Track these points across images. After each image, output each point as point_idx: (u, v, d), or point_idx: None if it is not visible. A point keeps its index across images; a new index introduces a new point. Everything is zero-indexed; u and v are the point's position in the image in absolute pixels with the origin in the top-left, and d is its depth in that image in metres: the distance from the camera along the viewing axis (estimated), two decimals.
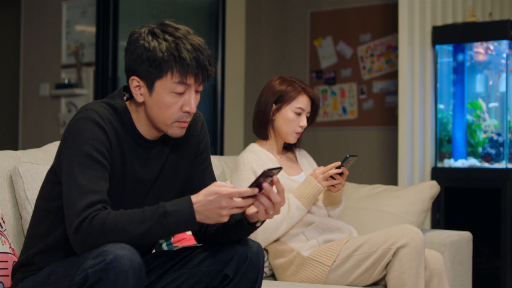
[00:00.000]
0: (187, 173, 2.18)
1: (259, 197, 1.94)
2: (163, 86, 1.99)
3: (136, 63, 1.99)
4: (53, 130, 5.27)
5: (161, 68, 1.97)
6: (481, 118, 4.20)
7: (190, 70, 1.97)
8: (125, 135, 2.05)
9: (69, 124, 2.02)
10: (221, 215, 1.89)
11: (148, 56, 1.97)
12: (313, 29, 5.52)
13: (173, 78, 1.98)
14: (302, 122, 2.99)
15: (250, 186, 1.91)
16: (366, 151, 5.19)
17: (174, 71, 1.97)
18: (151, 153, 2.10)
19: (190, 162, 2.18)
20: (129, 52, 2.01)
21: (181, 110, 2.02)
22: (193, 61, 1.97)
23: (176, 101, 2.01)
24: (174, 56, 1.96)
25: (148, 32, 2.00)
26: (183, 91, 2.00)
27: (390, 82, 5.16)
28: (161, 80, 1.98)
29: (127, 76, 2.03)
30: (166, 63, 1.96)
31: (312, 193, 2.87)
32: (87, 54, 5.16)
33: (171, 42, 1.97)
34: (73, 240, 1.90)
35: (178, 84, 1.98)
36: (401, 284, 2.72)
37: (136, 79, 2.01)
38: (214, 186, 1.90)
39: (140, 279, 1.85)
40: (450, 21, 4.35)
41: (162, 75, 1.98)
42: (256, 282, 2.08)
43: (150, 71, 1.98)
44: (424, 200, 3.31)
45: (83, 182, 1.91)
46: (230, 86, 5.49)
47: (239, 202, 1.89)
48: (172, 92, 1.99)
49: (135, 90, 2.02)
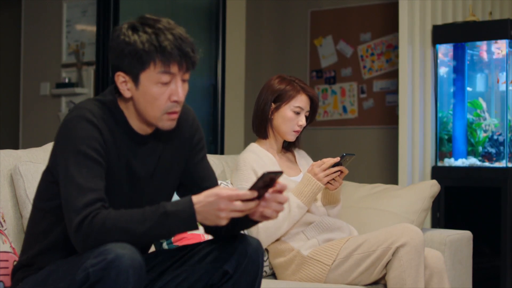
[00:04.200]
0: (182, 167, 2.18)
1: (268, 202, 1.94)
2: (148, 78, 1.98)
3: (119, 58, 1.99)
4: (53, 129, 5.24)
5: (143, 60, 1.96)
6: (481, 117, 4.20)
7: (172, 58, 1.97)
8: (119, 132, 2.05)
9: (62, 123, 2.02)
10: (219, 217, 1.89)
11: (130, 50, 1.96)
12: (314, 28, 5.52)
13: (156, 69, 1.97)
14: (301, 121, 2.99)
15: (250, 189, 1.90)
16: (366, 150, 5.19)
17: (157, 61, 1.96)
18: (145, 148, 2.10)
19: (185, 155, 2.18)
20: (112, 49, 2.01)
21: (169, 100, 2.01)
22: (175, 49, 1.96)
23: (163, 92, 1.99)
24: (155, 46, 1.96)
25: (128, 27, 2.00)
26: (168, 81, 1.99)
27: (390, 81, 5.16)
28: (145, 72, 1.98)
29: (112, 73, 2.03)
30: (148, 54, 1.96)
31: (312, 191, 2.87)
32: (87, 53, 5.17)
33: (151, 34, 1.97)
34: (74, 238, 1.90)
35: (162, 74, 1.98)
36: (401, 283, 2.72)
37: (122, 74, 2.00)
38: (216, 188, 1.90)
39: (140, 278, 1.85)
40: (450, 20, 4.35)
41: (145, 67, 1.97)
42: (256, 278, 2.09)
43: (133, 65, 1.97)
44: (424, 199, 3.31)
45: (80, 181, 1.91)
46: (230, 85, 5.49)
47: (239, 206, 1.88)
48: (158, 83, 1.98)
49: (122, 85, 2.02)
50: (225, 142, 5.41)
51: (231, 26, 5.50)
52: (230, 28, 5.48)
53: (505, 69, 4.12)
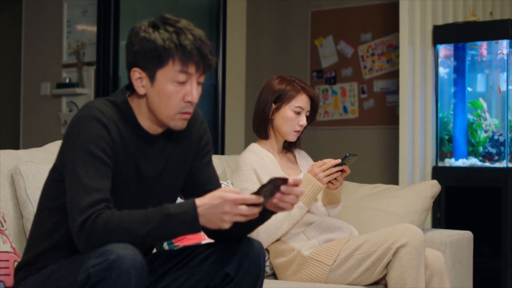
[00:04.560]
0: (189, 168, 2.18)
1: (284, 197, 1.95)
2: (165, 75, 1.99)
3: (137, 54, 2.00)
4: (54, 129, 5.28)
5: (162, 57, 1.97)
6: (482, 117, 4.20)
7: (191, 59, 1.98)
8: (128, 131, 2.05)
9: (71, 121, 2.02)
10: (223, 220, 1.88)
11: (150, 46, 1.97)
12: (314, 29, 5.52)
13: (174, 67, 1.98)
14: (302, 121, 2.99)
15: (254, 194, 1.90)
16: (366, 151, 5.19)
17: (176, 59, 1.97)
18: (154, 148, 2.10)
19: (192, 157, 2.18)
20: (130, 45, 2.02)
21: (183, 100, 2.02)
22: (194, 50, 1.98)
23: (178, 91, 2.00)
24: (175, 44, 1.97)
25: (149, 25, 2.01)
26: (184, 80, 2.00)
27: (391, 81, 5.16)
28: (163, 69, 1.99)
29: (128, 70, 2.04)
30: (167, 52, 1.97)
31: (312, 191, 2.87)
32: (88, 53, 5.17)
33: (172, 32, 1.98)
34: (76, 238, 1.90)
35: (179, 72, 1.99)
36: (401, 283, 2.72)
37: (138, 70, 2.01)
38: (221, 191, 1.90)
39: (142, 279, 1.85)
40: (450, 20, 4.35)
41: (163, 64, 1.98)
42: (258, 280, 2.09)
43: (151, 61, 1.98)
44: (425, 200, 3.31)
45: (86, 181, 1.92)
46: (230, 85, 5.49)
47: (244, 210, 1.88)
48: (174, 81, 1.99)
49: (137, 82, 2.02)
50: (225, 142, 5.41)
51: (231, 26, 5.50)
52: (230, 28, 5.48)
53: (505, 69, 4.12)
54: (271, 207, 2.01)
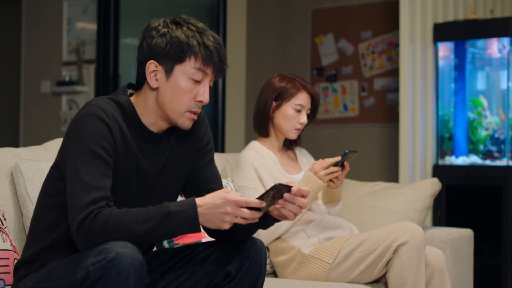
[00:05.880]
0: (190, 167, 2.18)
1: (287, 204, 1.96)
2: (183, 71, 2.01)
3: (157, 47, 2.01)
4: (54, 127, 5.28)
5: (184, 53, 2.00)
6: (482, 115, 4.20)
7: (212, 59, 2.01)
8: (130, 129, 2.05)
9: (73, 119, 2.02)
10: (223, 221, 1.88)
11: (172, 40, 2.00)
12: (314, 27, 5.52)
13: (195, 64, 2.01)
14: (302, 119, 2.99)
15: (258, 198, 1.90)
16: (367, 149, 5.18)
17: (198, 56, 2.00)
18: (156, 147, 2.10)
19: (193, 155, 2.18)
20: (150, 38, 2.03)
21: (194, 99, 2.04)
22: (215, 51, 2.02)
23: (192, 89, 2.03)
24: (198, 42, 2.00)
25: (171, 22, 2.04)
26: (200, 79, 2.03)
27: (391, 79, 5.16)
28: (182, 65, 2.01)
29: (142, 63, 2.04)
30: (190, 48, 2.00)
31: (313, 189, 2.87)
32: (88, 51, 5.17)
33: (195, 31, 2.02)
34: (75, 236, 1.90)
35: (198, 70, 2.01)
36: (401, 281, 2.71)
37: (155, 63, 2.02)
38: (223, 191, 1.90)
39: (141, 277, 1.84)
40: (451, 18, 4.35)
41: (184, 59, 2.01)
42: (259, 279, 2.08)
43: (171, 55, 2.00)
44: (425, 198, 3.31)
45: (86, 179, 1.91)
46: (231, 84, 5.49)
47: (245, 213, 1.88)
48: (190, 79, 2.02)
49: (151, 75, 2.04)
50: (226, 140, 5.41)
51: (232, 24, 5.50)
52: (231, 26, 5.48)
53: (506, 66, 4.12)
54: (275, 214, 2.02)
